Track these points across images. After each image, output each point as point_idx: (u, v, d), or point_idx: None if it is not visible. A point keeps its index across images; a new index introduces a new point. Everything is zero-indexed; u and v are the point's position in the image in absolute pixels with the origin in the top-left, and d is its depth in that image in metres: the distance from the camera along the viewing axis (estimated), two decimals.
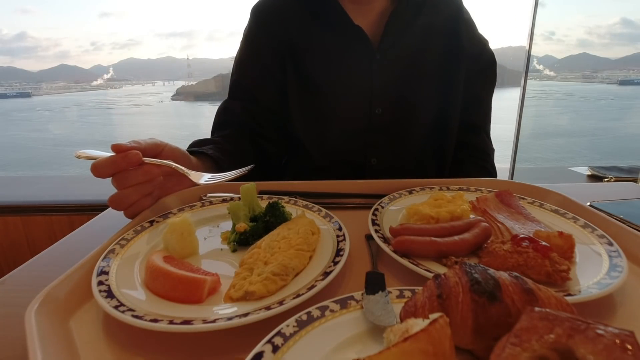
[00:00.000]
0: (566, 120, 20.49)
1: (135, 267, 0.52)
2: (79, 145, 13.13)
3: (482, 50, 1.07)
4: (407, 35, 0.97)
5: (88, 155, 0.63)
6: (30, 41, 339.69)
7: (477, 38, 1.07)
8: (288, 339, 0.36)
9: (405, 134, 1.01)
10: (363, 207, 0.71)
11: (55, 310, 0.43)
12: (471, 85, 1.03)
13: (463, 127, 1.05)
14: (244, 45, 1.04)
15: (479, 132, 1.09)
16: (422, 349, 0.28)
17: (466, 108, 1.04)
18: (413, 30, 0.97)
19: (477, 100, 1.07)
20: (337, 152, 1.01)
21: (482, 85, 1.08)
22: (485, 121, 1.11)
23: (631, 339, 0.25)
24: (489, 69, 1.08)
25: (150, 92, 65.77)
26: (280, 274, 0.48)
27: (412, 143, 1.03)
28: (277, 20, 0.99)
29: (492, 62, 1.08)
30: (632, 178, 1.67)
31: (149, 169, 0.64)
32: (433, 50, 1.00)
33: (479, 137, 1.09)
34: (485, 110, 1.11)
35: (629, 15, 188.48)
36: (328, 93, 0.97)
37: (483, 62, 1.07)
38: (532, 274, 0.46)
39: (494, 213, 0.66)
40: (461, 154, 1.06)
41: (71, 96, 58.35)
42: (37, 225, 1.70)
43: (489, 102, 1.11)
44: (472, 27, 1.06)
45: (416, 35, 0.97)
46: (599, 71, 54.86)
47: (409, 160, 1.04)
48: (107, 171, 0.61)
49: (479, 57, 1.06)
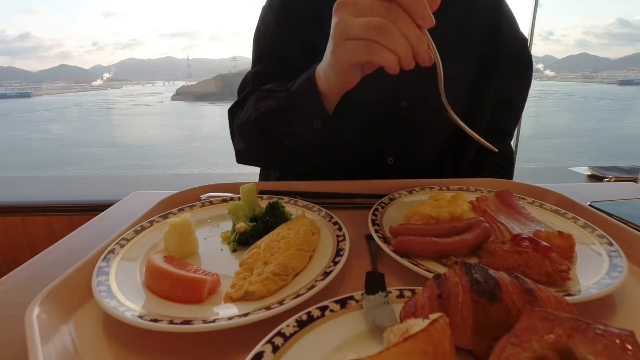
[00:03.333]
0: (566, 120, 20.51)
1: (135, 267, 0.52)
2: (79, 146, 13.16)
3: (522, 50, 0.97)
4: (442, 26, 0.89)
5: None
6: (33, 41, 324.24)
7: (518, 37, 0.97)
8: (288, 339, 0.36)
9: (428, 133, 0.94)
10: (363, 207, 0.71)
11: (55, 310, 0.43)
12: (506, 88, 0.95)
13: (490, 131, 0.96)
14: (270, 14, 0.94)
15: (505, 137, 1.02)
16: (422, 349, 0.28)
17: (497, 111, 0.96)
18: (448, 20, 0.87)
19: (509, 104, 0.99)
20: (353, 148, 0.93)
21: (518, 89, 1.00)
22: (514, 127, 1.04)
23: (631, 339, 0.25)
24: (526, 70, 0.99)
25: (150, 92, 65.69)
26: (280, 274, 0.48)
27: (433, 144, 0.97)
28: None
29: (530, 63, 0.99)
30: (632, 178, 1.67)
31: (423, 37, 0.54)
32: (468, 45, 0.91)
33: (504, 144, 1.02)
34: (516, 116, 1.03)
35: (624, 16, 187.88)
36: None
37: (521, 63, 0.97)
38: (532, 274, 0.46)
39: (494, 213, 0.66)
40: (482, 157, 0.99)
41: (71, 96, 58.28)
42: (37, 225, 1.70)
43: (521, 107, 1.03)
44: (514, 25, 0.97)
45: (451, 26, 0.88)
46: (598, 71, 54.88)
47: (427, 161, 0.98)
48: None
49: (518, 58, 0.96)
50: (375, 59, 0.54)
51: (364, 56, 0.55)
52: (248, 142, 0.90)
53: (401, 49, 0.52)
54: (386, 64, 0.54)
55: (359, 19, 0.52)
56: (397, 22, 0.51)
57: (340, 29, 0.55)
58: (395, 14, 0.51)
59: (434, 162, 1.00)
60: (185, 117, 28.53)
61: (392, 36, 0.51)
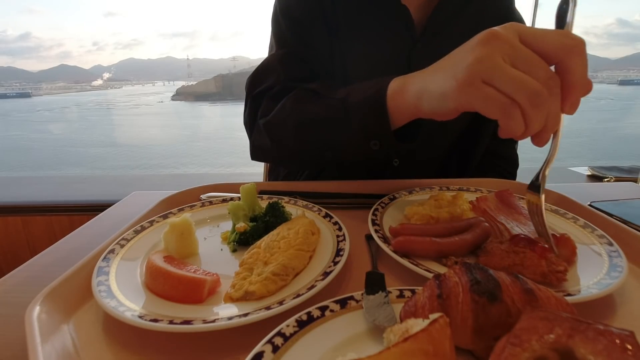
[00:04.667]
0: (566, 120, 20.42)
1: (136, 267, 0.52)
2: (79, 146, 13.16)
3: None
4: (455, 25, 0.85)
5: None
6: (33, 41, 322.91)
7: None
8: (288, 339, 0.36)
9: (435, 135, 0.90)
10: (363, 207, 0.71)
11: (55, 310, 0.43)
12: None
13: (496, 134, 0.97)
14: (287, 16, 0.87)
15: (511, 141, 1.02)
16: (422, 349, 0.28)
17: None
18: (460, 20, 0.86)
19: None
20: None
21: None
22: None
23: (631, 339, 0.25)
24: None
25: (150, 92, 65.68)
26: (280, 274, 0.48)
27: (440, 146, 0.96)
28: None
29: None
30: (632, 178, 1.67)
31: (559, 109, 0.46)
32: None
33: (511, 148, 1.02)
34: None
35: (624, 16, 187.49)
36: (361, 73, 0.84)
37: None
38: (528, 274, 0.46)
39: (493, 213, 0.66)
40: (488, 160, 0.99)
41: (71, 96, 58.29)
42: (37, 225, 1.70)
43: None
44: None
45: (463, 27, 0.84)
46: (599, 71, 54.89)
47: (432, 163, 0.98)
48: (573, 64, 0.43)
49: None
50: (504, 121, 0.46)
51: (495, 112, 0.46)
52: (280, 142, 0.81)
53: (538, 126, 0.45)
54: (510, 131, 0.46)
55: (515, 72, 0.43)
56: (550, 96, 0.43)
57: (482, 68, 0.45)
58: (552, 87, 0.43)
59: (440, 164, 1.00)
60: (185, 117, 28.54)
61: (540, 110, 0.43)
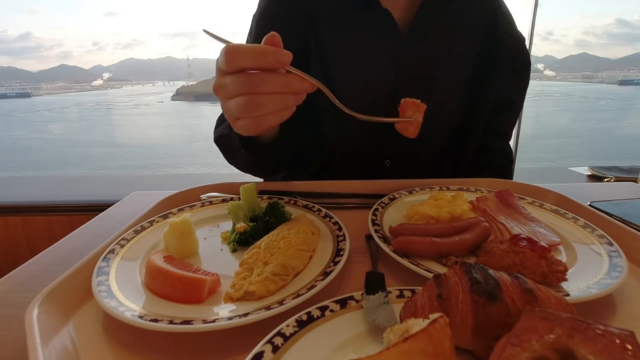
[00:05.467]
0: (566, 120, 20.51)
1: (135, 267, 0.52)
2: (79, 146, 13.16)
3: (520, 50, 0.96)
4: (440, 26, 0.88)
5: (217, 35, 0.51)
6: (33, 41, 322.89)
7: (515, 36, 0.96)
8: (288, 339, 0.36)
9: (426, 135, 0.90)
10: (363, 207, 0.71)
11: (56, 310, 0.43)
12: (504, 88, 0.94)
13: (488, 131, 0.97)
14: (261, 20, 0.91)
15: (504, 138, 1.03)
16: (422, 349, 0.28)
17: (495, 112, 0.95)
18: (445, 20, 0.88)
19: (508, 104, 0.98)
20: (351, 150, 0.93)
21: (516, 88, 0.99)
22: (512, 127, 1.04)
23: (631, 339, 0.25)
24: (525, 70, 0.99)
25: (150, 92, 65.67)
26: (280, 274, 0.48)
27: (431, 145, 0.96)
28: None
29: (528, 63, 0.98)
30: (632, 178, 1.67)
31: (292, 81, 0.51)
32: (466, 45, 0.90)
33: (503, 144, 1.03)
34: (514, 116, 1.02)
35: (624, 16, 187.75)
36: (348, 79, 0.88)
37: (519, 63, 0.96)
38: (527, 274, 0.46)
39: (493, 213, 0.66)
40: (481, 158, 0.99)
41: (71, 96, 58.28)
42: (37, 225, 1.70)
43: (520, 107, 1.02)
44: (511, 24, 0.96)
45: (449, 26, 0.88)
46: (598, 71, 54.93)
47: (425, 164, 0.98)
48: (248, 61, 0.49)
49: (516, 57, 0.95)
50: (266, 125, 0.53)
51: (256, 131, 0.55)
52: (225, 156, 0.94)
53: (277, 105, 0.51)
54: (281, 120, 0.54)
55: (231, 102, 0.52)
56: (258, 87, 0.49)
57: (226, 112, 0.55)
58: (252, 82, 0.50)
59: (433, 164, 1.00)
60: (185, 117, 28.53)
61: (261, 105, 0.50)
